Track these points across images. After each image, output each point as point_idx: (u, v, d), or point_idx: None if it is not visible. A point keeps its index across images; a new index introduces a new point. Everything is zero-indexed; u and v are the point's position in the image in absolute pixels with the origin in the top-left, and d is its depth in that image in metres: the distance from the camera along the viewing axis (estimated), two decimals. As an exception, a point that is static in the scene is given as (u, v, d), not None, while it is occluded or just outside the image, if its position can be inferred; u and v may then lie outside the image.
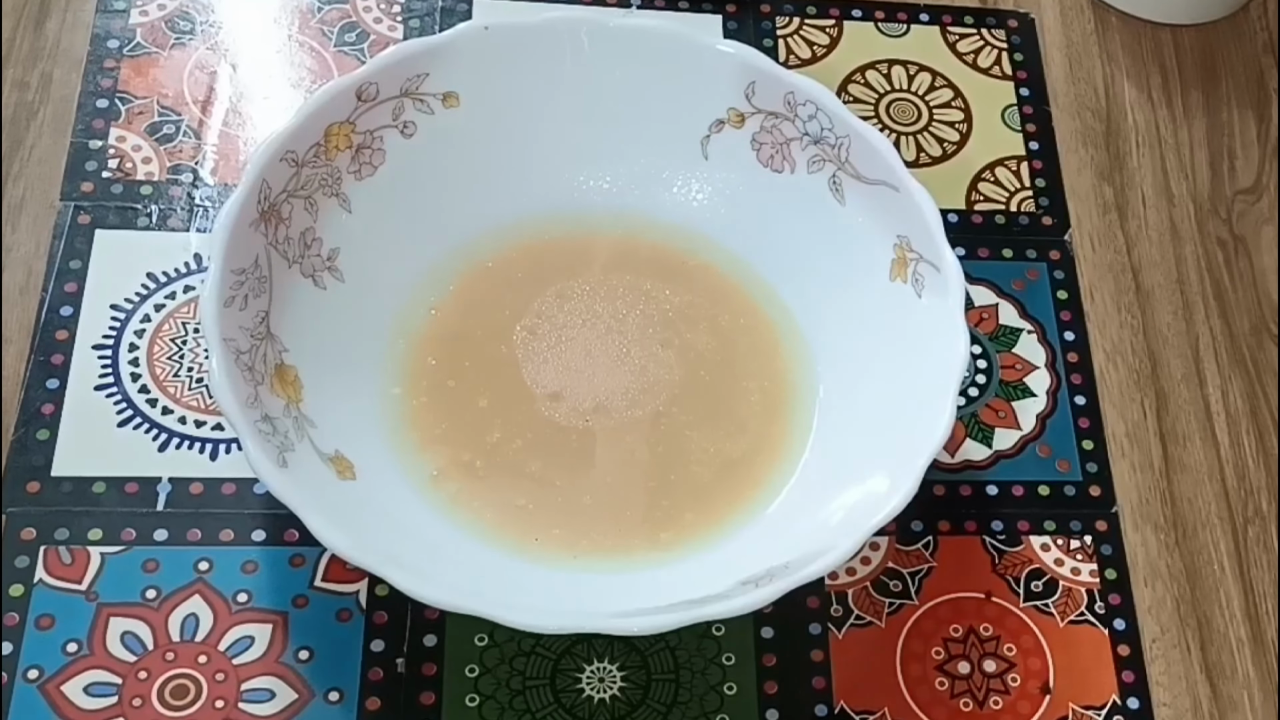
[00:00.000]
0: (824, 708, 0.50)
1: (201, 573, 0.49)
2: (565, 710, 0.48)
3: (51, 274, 0.53)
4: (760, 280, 0.56)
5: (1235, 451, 0.58)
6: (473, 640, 0.49)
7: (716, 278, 0.56)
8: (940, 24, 0.66)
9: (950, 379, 0.48)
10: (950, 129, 0.63)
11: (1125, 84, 0.67)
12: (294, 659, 0.48)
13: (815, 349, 0.55)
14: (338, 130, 0.51)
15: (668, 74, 0.54)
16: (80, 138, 0.56)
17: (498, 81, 0.54)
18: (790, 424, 0.53)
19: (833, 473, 0.51)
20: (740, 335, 0.55)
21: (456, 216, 0.55)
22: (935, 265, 0.50)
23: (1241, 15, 0.70)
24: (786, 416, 0.54)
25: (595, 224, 0.57)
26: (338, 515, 0.44)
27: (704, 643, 0.50)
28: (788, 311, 0.55)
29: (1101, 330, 0.60)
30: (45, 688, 0.46)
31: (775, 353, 0.55)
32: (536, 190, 0.56)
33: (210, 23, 0.60)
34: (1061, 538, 0.54)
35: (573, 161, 0.56)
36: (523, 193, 0.56)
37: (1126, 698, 0.52)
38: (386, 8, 0.62)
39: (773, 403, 0.54)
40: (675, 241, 0.57)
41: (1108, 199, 0.63)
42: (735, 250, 0.56)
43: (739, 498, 0.52)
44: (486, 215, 0.55)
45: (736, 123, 0.55)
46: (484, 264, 0.55)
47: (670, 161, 0.56)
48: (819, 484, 0.51)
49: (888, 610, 0.52)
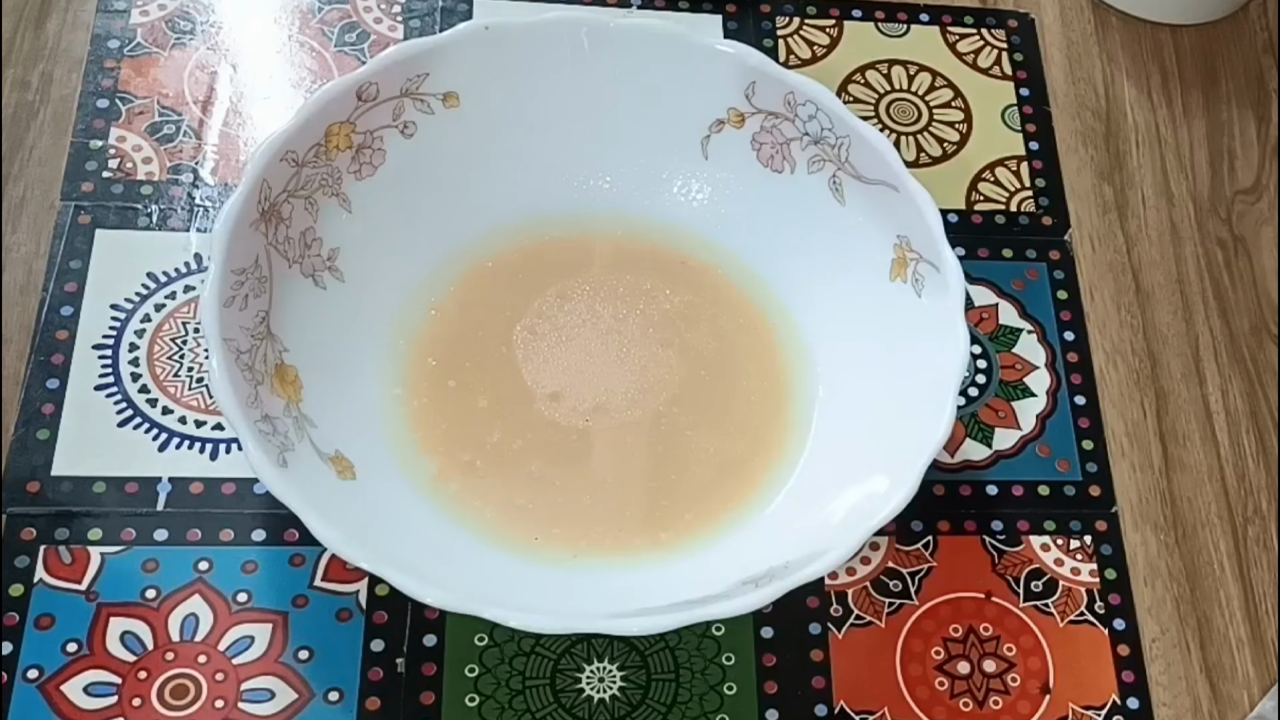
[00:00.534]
0: (824, 708, 0.50)
1: (201, 572, 0.49)
2: (565, 710, 0.48)
3: (52, 274, 0.53)
4: (760, 280, 0.56)
5: (1235, 451, 0.58)
6: (472, 640, 0.49)
7: (716, 278, 0.56)
8: (940, 24, 0.66)
9: (950, 379, 0.48)
10: (950, 129, 0.63)
11: (1125, 84, 0.67)
12: (294, 659, 0.48)
13: (815, 349, 0.55)
14: (338, 130, 0.51)
15: (668, 74, 0.54)
16: (80, 138, 0.56)
17: (498, 81, 0.54)
18: (790, 424, 0.53)
19: (832, 473, 0.51)
20: (740, 335, 0.55)
21: (456, 216, 0.55)
22: (935, 265, 0.50)
23: (1241, 15, 0.70)
24: (786, 416, 0.54)
25: (595, 224, 0.57)
26: (337, 515, 0.44)
27: (704, 643, 0.50)
28: (787, 311, 0.55)
29: (1101, 330, 0.60)
30: (45, 688, 0.46)
31: (775, 353, 0.55)
32: (537, 190, 0.56)
33: (211, 23, 0.60)
34: (1061, 538, 0.54)
35: (573, 162, 0.56)
36: (523, 193, 0.56)
37: (1126, 698, 0.52)
38: (387, 8, 0.62)
39: (772, 403, 0.54)
40: (675, 241, 0.57)
41: (1108, 199, 0.63)
42: (735, 251, 0.56)
43: (739, 498, 0.52)
44: (486, 215, 0.55)
45: (736, 123, 0.55)
46: (484, 264, 0.55)
47: (670, 161, 0.56)
48: (819, 484, 0.51)
49: (887, 610, 0.52)
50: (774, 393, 0.54)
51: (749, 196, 0.56)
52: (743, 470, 0.53)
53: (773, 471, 0.52)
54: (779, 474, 0.52)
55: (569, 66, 0.54)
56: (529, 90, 0.54)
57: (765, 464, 0.53)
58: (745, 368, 0.55)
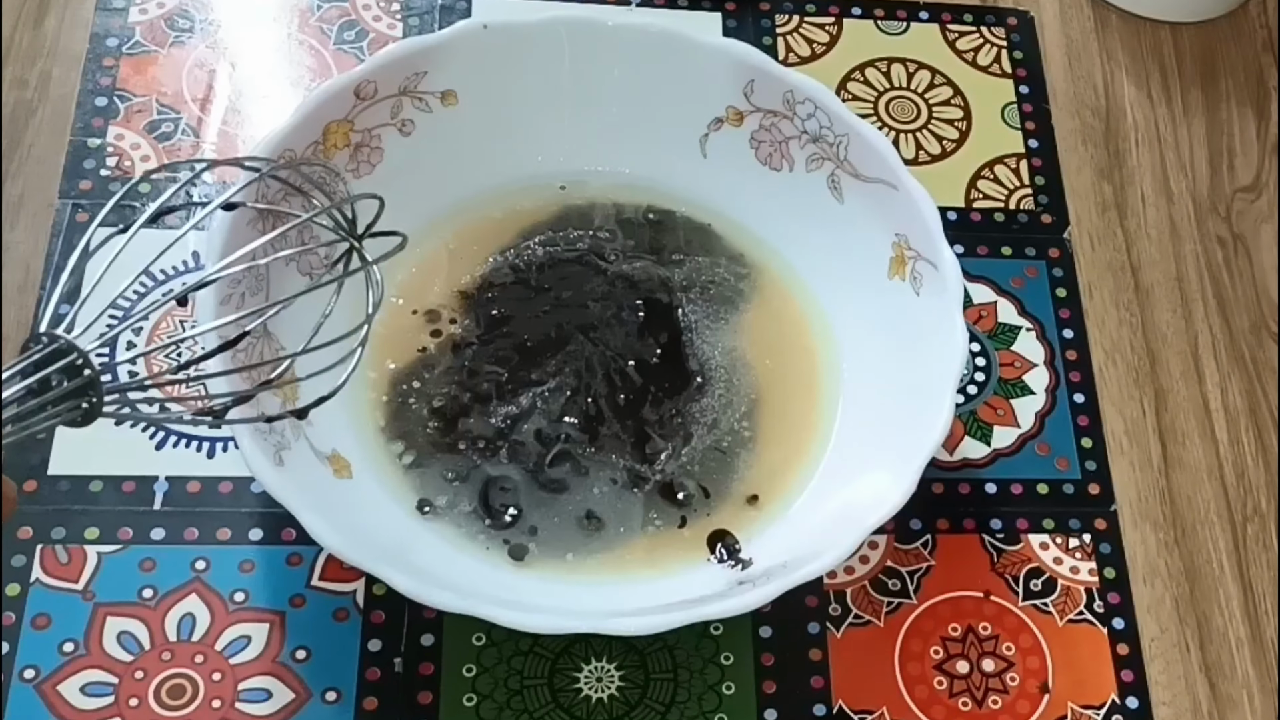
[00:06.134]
0: (822, 707, 0.50)
1: (198, 572, 0.49)
2: (563, 710, 0.48)
3: (49, 272, 0.53)
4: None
5: (1234, 449, 0.58)
6: (470, 640, 0.49)
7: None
8: (940, 22, 0.66)
9: (948, 377, 0.48)
10: (949, 127, 0.63)
11: (1125, 82, 0.66)
12: (291, 659, 0.48)
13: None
14: (336, 128, 0.51)
15: (666, 72, 0.54)
16: (79, 136, 0.56)
17: (496, 80, 0.53)
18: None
19: (831, 471, 0.51)
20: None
21: (455, 216, 0.55)
22: (933, 263, 0.50)
23: (1241, 13, 0.69)
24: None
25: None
26: (334, 514, 0.44)
27: (702, 642, 0.50)
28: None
29: (1100, 328, 0.59)
30: (42, 687, 0.46)
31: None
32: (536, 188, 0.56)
33: (209, 21, 0.60)
34: (1060, 536, 0.54)
35: (571, 159, 0.56)
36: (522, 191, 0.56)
37: (1125, 697, 0.52)
38: (386, 6, 0.62)
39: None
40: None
41: (1107, 197, 0.63)
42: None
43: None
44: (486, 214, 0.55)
45: (735, 121, 0.55)
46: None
47: (669, 160, 0.56)
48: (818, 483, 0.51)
49: (886, 609, 0.52)
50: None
51: (747, 194, 0.56)
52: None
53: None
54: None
55: (567, 65, 0.54)
56: (527, 88, 0.54)
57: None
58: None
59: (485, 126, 0.54)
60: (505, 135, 0.55)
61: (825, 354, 0.54)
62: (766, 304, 0.56)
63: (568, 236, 0.56)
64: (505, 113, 0.54)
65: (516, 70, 0.54)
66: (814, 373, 0.54)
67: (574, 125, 0.55)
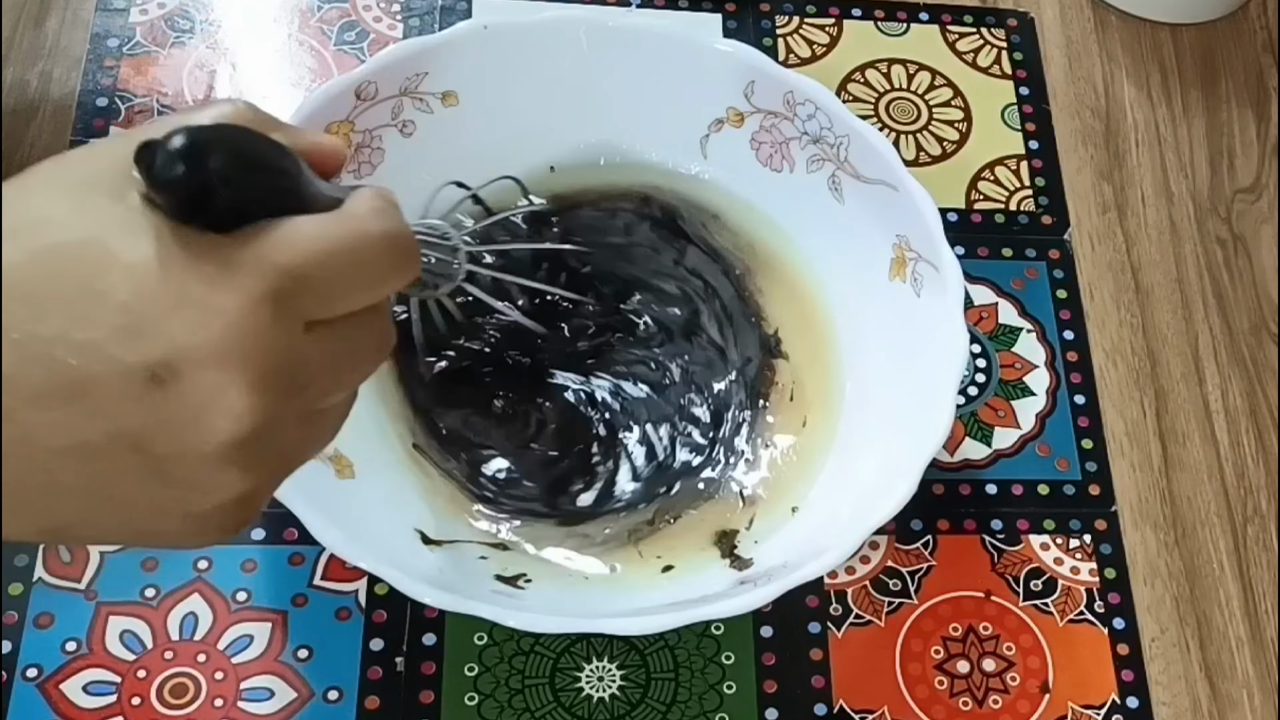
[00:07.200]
0: (823, 706, 0.50)
1: (200, 571, 0.49)
2: (564, 709, 0.48)
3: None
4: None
5: (1234, 450, 0.58)
6: (472, 639, 0.49)
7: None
8: (940, 23, 0.66)
9: (949, 378, 0.48)
10: (950, 128, 0.63)
11: (1125, 83, 0.66)
12: (293, 658, 0.48)
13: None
14: (337, 129, 0.51)
15: (667, 73, 0.54)
16: (80, 136, 0.56)
17: (497, 80, 0.53)
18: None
19: (832, 472, 0.51)
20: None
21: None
22: (934, 264, 0.50)
23: (1241, 14, 0.70)
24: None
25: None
26: (336, 514, 0.44)
27: (703, 642, 0.50)
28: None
29: (1101, 329, 0.60)
30: (44, 686, 0.46)
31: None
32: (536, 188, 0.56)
33: (210, 21, 0.60)
34: (1061, 537, 0.54)
35: (572, 160, 0.56)
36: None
37: (1126, 697, 0.52)
38: (386, 6, 0.62)
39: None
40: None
41: (1107, 198, 0.63)
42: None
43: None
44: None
45: (736, 122, 0.55)
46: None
47: (670, 160, 0.56)
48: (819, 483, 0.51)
49: (887, 609, 0.52)
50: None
51: (748, 195, 0.56)
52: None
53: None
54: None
55: (568, 65, 0.54)
56: (528, 89, 0.54)
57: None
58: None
59: (486, 127, 0.54)
60: (506, 136, 0.55)
61: (826, 355, 0.54)
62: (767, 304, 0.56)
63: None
64: (506, 113, 0.54)
65: (517, 71, 0.54)
66: (814, 373, 0.54)
67: (574, 126, 0.55)
